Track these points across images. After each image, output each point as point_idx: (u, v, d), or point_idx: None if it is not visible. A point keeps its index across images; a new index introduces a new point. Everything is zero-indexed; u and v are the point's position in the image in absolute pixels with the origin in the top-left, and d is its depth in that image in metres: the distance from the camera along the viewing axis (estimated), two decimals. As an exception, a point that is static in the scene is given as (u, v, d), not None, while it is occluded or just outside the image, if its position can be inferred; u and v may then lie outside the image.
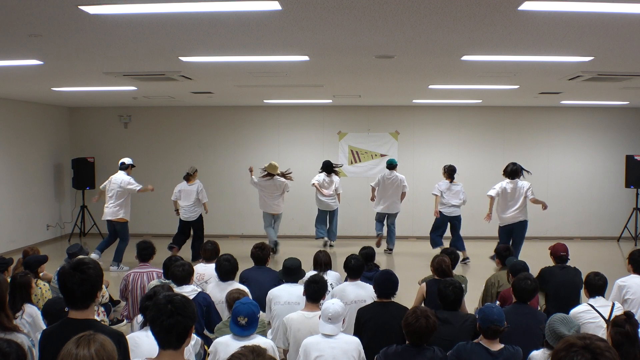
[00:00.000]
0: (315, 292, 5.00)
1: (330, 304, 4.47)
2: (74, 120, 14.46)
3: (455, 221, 10.98)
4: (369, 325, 4.94)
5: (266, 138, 14.21)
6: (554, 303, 6.06)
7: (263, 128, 14.24)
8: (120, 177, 10.50)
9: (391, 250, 11.87)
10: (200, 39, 6.09)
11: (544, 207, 9.97)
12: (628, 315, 3.80)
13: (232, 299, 4.93)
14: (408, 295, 6.36)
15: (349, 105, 14.00)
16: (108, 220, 10.53)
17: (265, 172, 11.56)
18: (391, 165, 11.59)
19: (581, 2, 4.62)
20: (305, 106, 14.01)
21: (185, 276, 5.57)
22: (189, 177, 11.23)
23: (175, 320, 2.87)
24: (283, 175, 11.61)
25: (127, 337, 4.30)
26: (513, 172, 9.71)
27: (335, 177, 12.26)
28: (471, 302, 6.49)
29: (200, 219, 11.26)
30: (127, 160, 10.75)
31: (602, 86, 9.51)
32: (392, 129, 14.11)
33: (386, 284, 5.15)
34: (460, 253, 9.32)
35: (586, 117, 13.97)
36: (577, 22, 5.26)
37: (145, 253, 6.77)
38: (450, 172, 10.97)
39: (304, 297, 5.09)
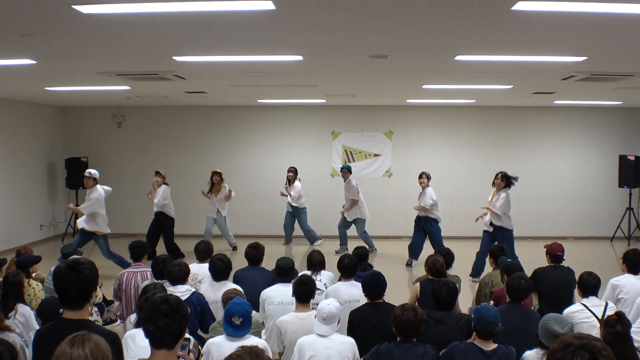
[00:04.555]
0: (305, 293, 5.00)
1: (326, 304, 4.45)
2: (67, 119, 14.41)
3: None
4: (363, 327, 4.94)
5: (260, 138, 14.20)
6: (547, 303, 6.08)
7: (257, 128, 14.23)
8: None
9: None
10: (194, 38, 6.08)
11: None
12: (619, 316, 3.80)
13: (229, 299, 4.90)
14: (402, 295, 6.36)
15: (342, 105, 14.00)
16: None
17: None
18: None
19: (574, 2, 4.63)
20: (299, 106, 14.00)
21: (182, 276, 5.56)
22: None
23: (171, 319, 2.86)
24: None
25: (125, 335, 4.30)
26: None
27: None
28: (465, 302, 6.51)
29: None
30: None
31: (595, 86, 9.54)
32: (386, 129, 14.12)
33: (375, 285, 5.16)
34: None
35: (579, 117, 14.02)
36: (571, 22, 5.27)
37: (136, 252, 6.75)
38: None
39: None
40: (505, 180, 9.58)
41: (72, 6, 4.64)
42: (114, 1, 4.62)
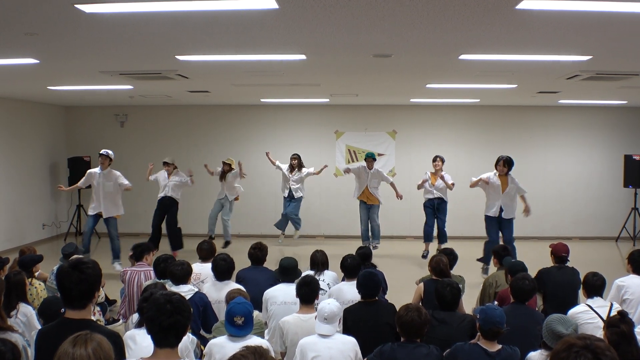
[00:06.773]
0: (308, 295, 4.98)
1: (326, 304, 4.45)
2: (70, 119, 14.43)
3: None
4: (358, 326, 4.91)
5: (263, 137, 14.19)
6: (551, 303, 6.05)
7: (260, 127, 14.22)
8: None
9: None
10: (197, 37, 6.07)
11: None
12: (622, 315, 3.78)
13: (232, 299, 4.88)
14: (405, 295, 6.34)
15: (346, 105, 13.98)
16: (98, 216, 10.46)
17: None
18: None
19: (579, 1, 4.61)
20: (303, 105, 13.98)
21: (184, 275, 5.56)
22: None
23: (175, 319, 2.89)
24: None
25: (125, 334, 4.29)
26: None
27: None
28: (469, 303, 6.48)
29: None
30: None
31: (600, 85, 9.50)
32: (390, 128, 14.10)
33: (369, 284, 5.14)
34: None
35: (584, 117, 13.98)
36: (575, 21, 5.25)
37: (136, 252, 6.77)
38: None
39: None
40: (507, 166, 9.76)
41: (75, 5, 4.63)
42: (116, 0, 4.61)
